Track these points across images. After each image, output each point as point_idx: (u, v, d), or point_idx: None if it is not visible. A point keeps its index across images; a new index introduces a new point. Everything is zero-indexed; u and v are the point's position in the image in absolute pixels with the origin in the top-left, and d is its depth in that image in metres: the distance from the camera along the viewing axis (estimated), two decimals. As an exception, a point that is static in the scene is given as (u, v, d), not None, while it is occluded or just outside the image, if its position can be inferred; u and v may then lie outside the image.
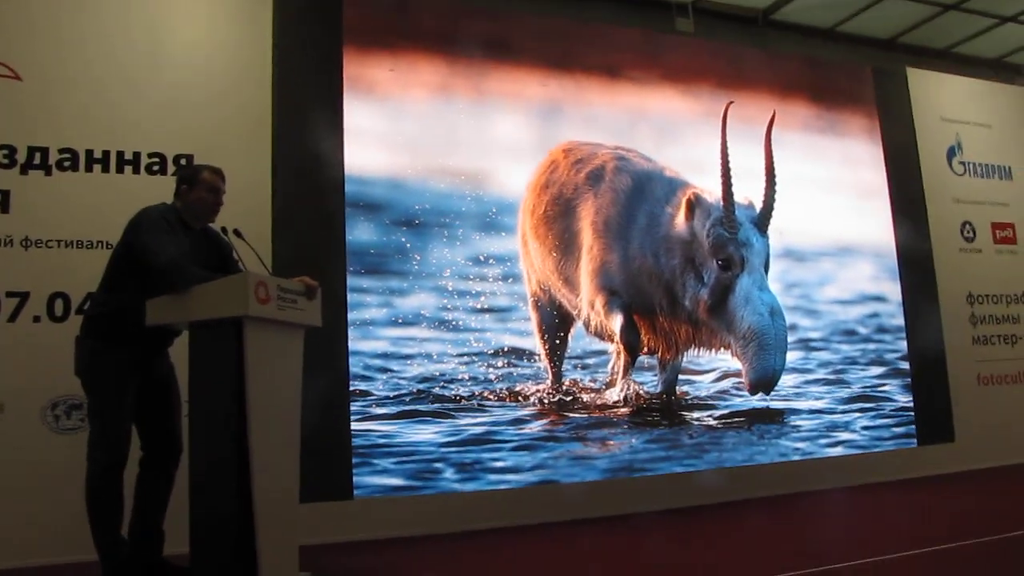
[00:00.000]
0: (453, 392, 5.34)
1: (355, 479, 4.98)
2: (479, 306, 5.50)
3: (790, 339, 5.74)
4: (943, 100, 7.61)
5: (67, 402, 4.46)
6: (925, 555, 3.98)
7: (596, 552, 4.58)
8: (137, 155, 4.87)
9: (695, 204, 5.50)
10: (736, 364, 5.58)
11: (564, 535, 5.00)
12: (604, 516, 5.32)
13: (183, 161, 4.88)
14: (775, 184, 5.62)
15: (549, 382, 5.65)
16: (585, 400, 5.67)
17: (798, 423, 6.18)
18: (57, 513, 4.11)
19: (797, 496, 5.89)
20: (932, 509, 5.57)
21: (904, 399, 6.74)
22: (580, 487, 5.43)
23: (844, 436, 6.32)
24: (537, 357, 5.66)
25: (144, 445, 3.79)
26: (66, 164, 4.74)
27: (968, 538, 4.21)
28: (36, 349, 4.46)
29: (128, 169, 4.85)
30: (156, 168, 4.89)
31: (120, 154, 4.85)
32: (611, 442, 5.58)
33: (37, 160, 4.69)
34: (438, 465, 5.13)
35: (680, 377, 5.90)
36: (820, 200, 6.77)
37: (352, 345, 5.15)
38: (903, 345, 6.88)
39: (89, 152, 4.79)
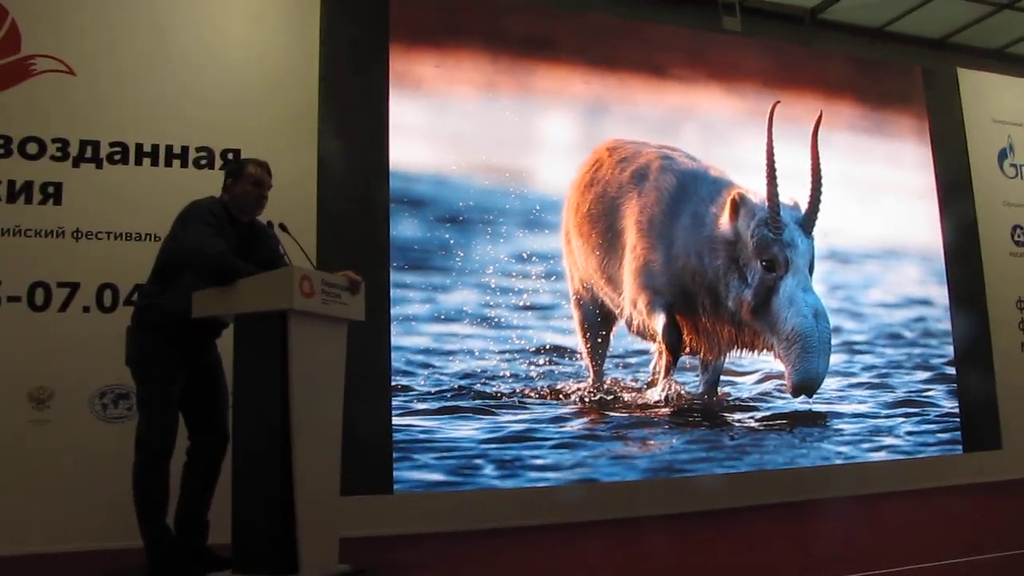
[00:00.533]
0: (494, 389, 5.35)
1: (395, 473, 5.01)
2: (521, 303, 5.50)
3: (834, 342, 5.69)
4: (995, 101, 7.48)
5: (115, 391, 4.53)
6: (968, 564, 3.92)
7: (635, 551, 4.57)
8: (185, 149, 4.95)
9: (740, 204, 5.46)
10: (779, 366, 5.54)
11: (603, 534, 4.99)
12: (644, 516, 5.31)
13: (230, 155, 4.94)
14: (821, 185, 5.56)
15: (590, 380, 5.64)
16: (626, 399, 5.66)
17: (841, 427, 6.12)
18: (104, 500, 4.19)
19: (838, 501, 5.83)
20: (977, 517, 5.49)
21: (950, 404, 6.64)
22: (620, 486, 5.43)
23: (888, 441, 6.26)
24: (579, 355, 5.66)
25: (191, 435, 3.85)
26: (116, 158, 4.82)
27: (1014, 548, 4.14)
28: (85, 339, 4.54)
29: (176, 163, 4.92)
30: (204, 162, 4.95)
31: (169, 148, 4.92)
32: (651, 442, 5.56)
33: (88, 153, 4.78)
34: (478, 461, 5.15)
35: (722, 378, 5.86)
36: (866, 201, 6.70)
37: (394, 340, 5.18)
38: (949, 350, 6.78)
39: (139, 146, 4.87)
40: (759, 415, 5.87)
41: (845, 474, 6.02)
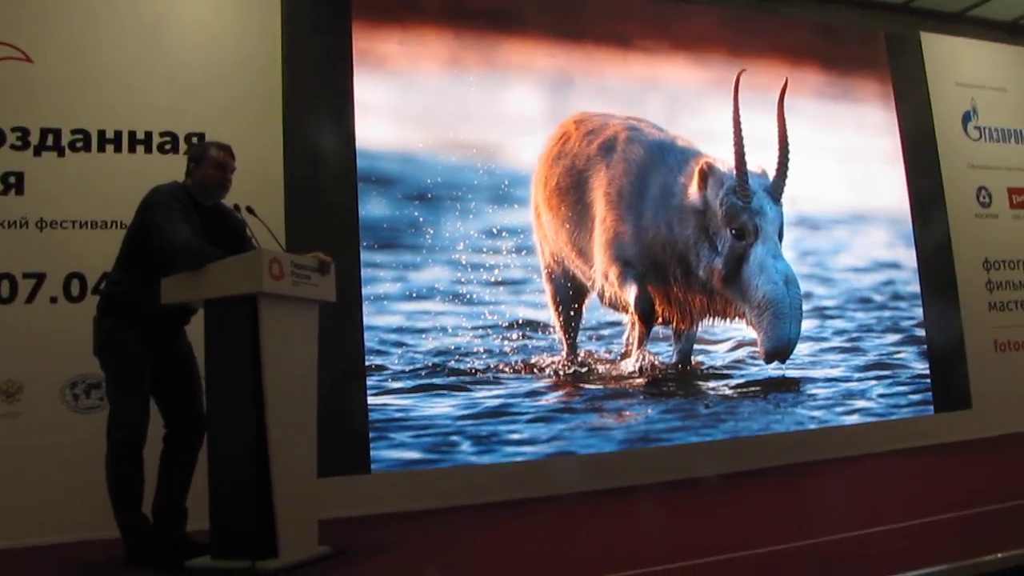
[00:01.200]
0: (468, 365, 5.35)
1: (372, 453, 5.01)
2: (493, 279, 5.50)
3: (805, 307, 5.72)
4: (958, 64, 7.52)
5: (86, 381, 4.49)
6: (941, 522, 3.98)
7: (614, 522, 4.59)
8: (149, 135, 4.89)
9: (708, 173, 5.47)
10: (751, 333, 5.58)
11: (581, 506, 5.02)
12: (621, 487, 5.35)
13: (195, 139, 4.88)
14: (788, 152, 5.59)
15: (564, 354, 5.66)
16: (600, 371, 5.68)
17: (814, 392, 6.17)
18: (79, 491, 4.15)
19: (814, 464, 5.89)
20: (949, 476, 5.56)
21: (920, 366, 6.72)
22: (596, 458, 5.45)
23: (860, 404, 6.32)
24: (552, 329, 5.67)
25: (167, 423, 3.84)
26: (79, 145, 4.76)
27: (985, 505, 4.20)
28: (54, 330, 4.49)
29: (140, 148, 4.86)
30: (168, 147, 4.90)
31: (132, 134, 4.86)
32: (627, 413, 5.59)
33: (50, 142, 4.71)
34: (454, 438, 5.16)
35: (695, 347, 5.89)
36: (834, 167, 6.74)
37: (367, 320, 5.17)
38: (919, 312, 6.85)
39: (101, 132, 4.81)
40: (733, 383, 5.91)
41: (820, 438, 6.08)
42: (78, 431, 4.39)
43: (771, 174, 5.58)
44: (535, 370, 5.53)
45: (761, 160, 5.59)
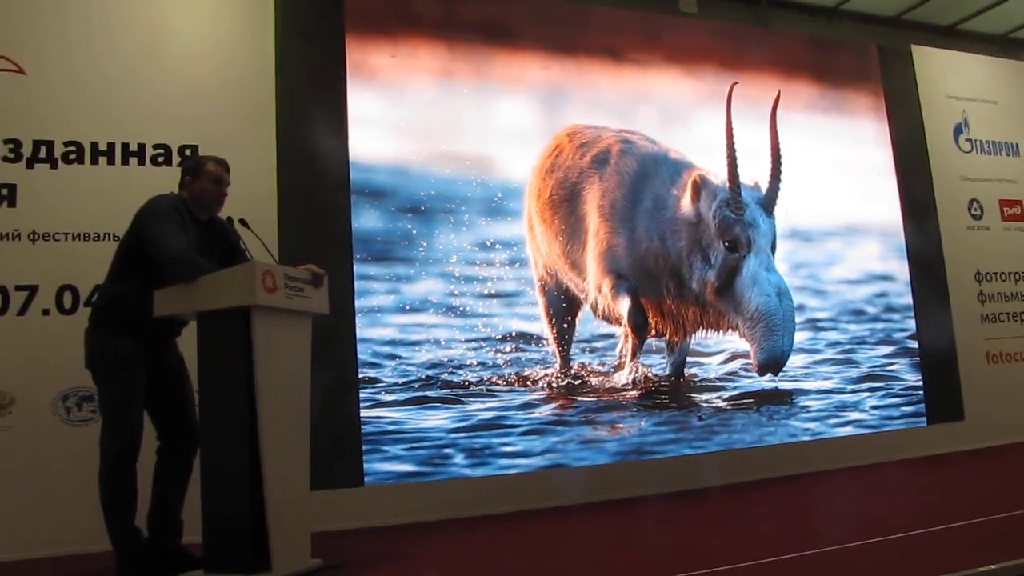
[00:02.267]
0: (462, 378, 5.35)
1: (365, 466, 5.00)
2: (486, 291, 5.50)
3: (798, 319, 5.75)
4: (949, 77, 7.56)
5: (78, 394, 4.48)
6: (935, 533, 3.98)
7: (608, 535, 4.59)
8: (142, 146, 4.88)
9: (701, 186, 5.49)
10: (744, 345, 5.59)
11: (575, 519, 5.01)
12: (614, 499, 5.34)
13: (188, 151, 4.88)
14: (781, 164, 5.61)
15: (557, 366, 5.66)
16: (594, 384, 5.67)
17: (807, 403, 6.18)
18: (71, 504, 4.13)
19: (807, 476, 5.89)
20: (942, 488, 5.56)
21: (913, 378, 6.73)
22: (590, 471, 5.44)
23: (853, 416, 6.33)
24: (545, 341, 5.67)
25: (160, 435, 3.82)
26: (72, 157, 4.75)
27: (979, 516, 4.20)
28: (46, 342, 4.48)
29: (133, 160, 4.86)
30: (161, 159, 4.90)
31: (125, 146, 4.86)
32: (620, 425, 5.59)
33: (43, 153, 4.71)
34: (448, 451, 5.15)
35: (688, 359, 5.90)
36: (826, 180, 6.75)
37: (360, 332, 5.16)
38: (911, 324, 6.86)
39: (94, 144, 4.80)
40: (726, 395, 5.91)
41: (813, 450, 6.08)
42: (70, 444, 4.37)
43: (764, 186, 5.60)
44: (528, 382, 5.53)
45: (754, 172, 5.62)
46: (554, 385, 5.59)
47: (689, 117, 6.30)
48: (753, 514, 4.99)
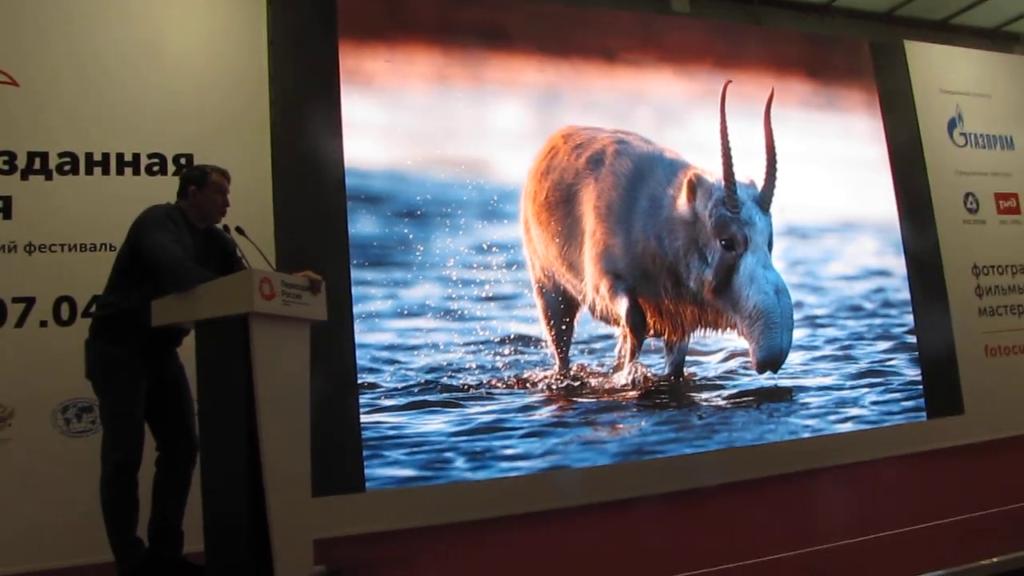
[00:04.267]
0: (461, 381, 5.35)
1: (366, 471, 4.99)
2: (484, 294, 5.49)
3: (796, 316, 5.74)
4: (942, 72, 7.56)
5: (77, 405, 4.47)
6: (937, 528, 3.99)
7: (610, 536, 4.59)
8: (137, 156, 4.87)
9: (696, 185, 5.49)
10: (743, 343, 5.58)
11: (577, 520, 5.01)
12: (616, 500, 5.33)
13: (183, 161, 4.88)
14: (776, 162, 5.60)
15: (557, 368, 5.65)
16: (593, 385, 5.67)
17: (807, 400, 6.17)
18: (72, 516, 4.12)
19: (809, 473, 5.89)
20: (944, 482, 5.57)
21: (912, 373, 6.73)
22: (591, 472, 5.43)
23: (853, 412, 6.32)
24: (544, 343, 5.66)
25: (159, 445, 3.82)
26: (66, 168, 4.74)
27: (980, 510, 4.21)
28: (44, 353, 4.47)
29: (128, 171, 4.85)
30: (156, 169, 4.89)
31: (120, 156, 4.84)
32: (620, 426, 5.59)
33: (37, 165, 4.70)
34: (448, 455, 5.14)
35: (687, 358, 5.89)
36: (822, 176, 6.75)
37: (358, 338, 5.15)
38: (909, 319, 6.86)
39: (89, 155, 4.79)
40: (726, 393, 5.91)
41: (814, 447, 6.07)
42: (71, 455, 4.37)
43: (759, 184, 5.60)
44: (528, 385, 5.53)
45: (749, 170, 5.61)
46: (553, 387, 5.59)
47: (684, 116, 6.30)
48: (755, 512, 4.99)
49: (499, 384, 5.44)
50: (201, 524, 3.50)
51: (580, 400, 5.58)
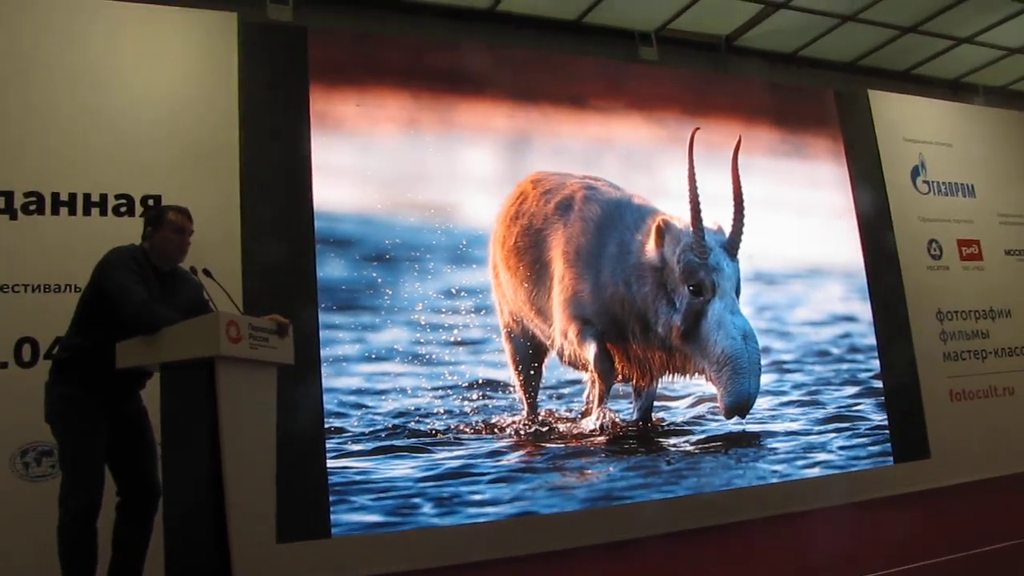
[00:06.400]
0: (429, 426, 5.32)
1: (332, 517, 4.93)
2: (452, 339, 5.49)
3: (764, 362, 5.76)
4: (905, 121, 7.71)
5: (37, 448, 4.39)
6: (905, 572, 3.99)
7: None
8: (104, 197, 4.83)
9: (664, 231, 5.52)
10: (711, 389, 5.59)
11: (544, 567, 4.98)
12: (584, 546, 5.30)
13: (151, 202, 4.85)
14: (743, 208, 5.65)
15: (525, 413, 5.64)
16: (561, 430, 5.66)
17: (775, 445, 6.18)
18: (29, 563, 4.04)
19: (777, 519, 5.88)
20: (911, 526, 5.59)
21: (879, 417, 6.76)
22: (559, 517, 5.40)
23: (821, 457, 6.33)
24: (512, 388, 5.65)
25: (120, 490, 3.75)
26: (32, 207, 4.70)
27: (948, 553, 4.22)
28: (3, 396, 4.39)
29: (95, 211, 4.81)
30: (124, 209, 4.85)
31: (87, 196, 4.81)
32: (589, 471, 5.56)
33: (2, 204, 4.65)
34: (416, 500, 5.09)
35: (655, 403, 5.89)
36: (788, 223, 6.83)
37: (326, 382, 5.12)
38: (876, 364, 6.92)
39: (55, 195, 4.75)
40: (694, 438, 5.91)
41: (782, 492, 6.07)
42: (29, 500, 4.28)
43: (727, 230, 5.63)
44: (496, 430, 5.50)
45: (717, 217, 5.65)
46: (522, 432, 5.56)
47: (652, 163, 6.36)
48: (723, 558, 4.97)
49: (467, 429, 5.41)
50: (163, 570, 3.44)
51: (548, 445, 5.56)
